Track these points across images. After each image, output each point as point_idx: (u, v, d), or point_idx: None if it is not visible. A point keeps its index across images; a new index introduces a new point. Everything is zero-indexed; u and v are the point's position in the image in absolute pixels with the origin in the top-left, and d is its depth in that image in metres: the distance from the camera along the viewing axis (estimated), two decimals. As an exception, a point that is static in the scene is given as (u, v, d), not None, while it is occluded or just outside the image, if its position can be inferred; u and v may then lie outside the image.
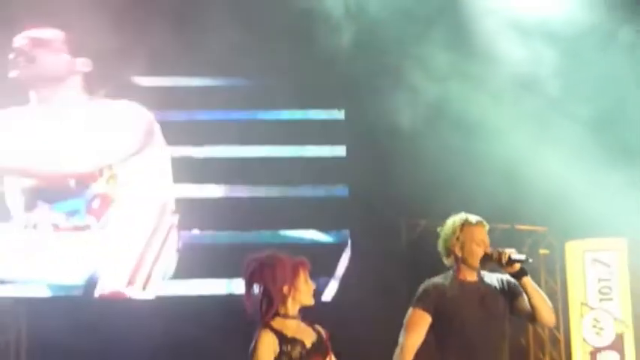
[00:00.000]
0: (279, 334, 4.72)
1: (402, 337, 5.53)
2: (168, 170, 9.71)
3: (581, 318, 9.95)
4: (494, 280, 5.63)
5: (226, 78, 9.95)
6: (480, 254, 5.52)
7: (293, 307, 4.80)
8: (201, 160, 9.75)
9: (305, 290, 4.81)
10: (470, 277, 5.59)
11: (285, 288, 4.76)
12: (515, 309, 5.58)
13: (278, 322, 4.76)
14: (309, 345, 4.78)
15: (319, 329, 4.87)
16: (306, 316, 4.84)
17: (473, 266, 5.56)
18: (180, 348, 9.03)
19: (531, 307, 5.50)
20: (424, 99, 9.13)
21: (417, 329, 5.53)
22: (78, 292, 9.44)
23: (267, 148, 9.82)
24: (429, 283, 5.62)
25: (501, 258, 5.45)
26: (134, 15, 9.14)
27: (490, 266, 5.59)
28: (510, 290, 5.58)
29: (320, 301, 8.34)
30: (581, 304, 9.97)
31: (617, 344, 9.85)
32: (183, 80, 9.89)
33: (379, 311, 7.93)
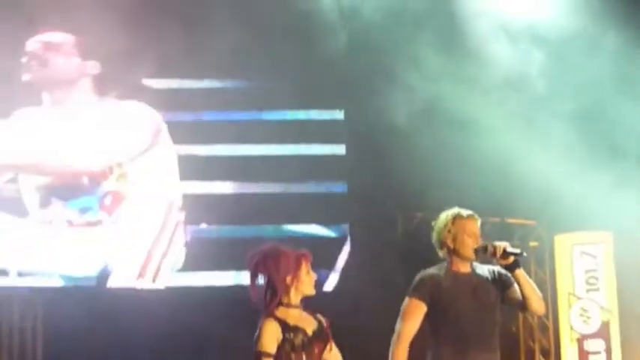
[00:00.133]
0: (282, 322, 4.74)
1: (398, 325, 5.56)
2: (174, 168, 9.71)
3: (569, 307, 10.03)
4: (485, 271, 5.65)
5: (230, 80, 9.95)
6: (471, 245, 5.54)
7: (295, 296, 4.81)
8: (208, 158, 9.73)
9: (307, 281, 4.83)
10: (463, 268, 5.61)
11: (288, 278, 4.77)
12: (507, 298, 5.60)
13: (281, 311, 4.77)
14: (310, 333, 4.79)
15: (320, 318, 4.89)
16: (309, 306, 4.86)
17: (465, 257, 5.59)
18: (189, 335, 9.05)
19: (523, 296, 5.52)
20: (419, 99, 9.12)
21: (412, 318, 5.55)
22: (91, 284, 9.46)
23: (270, 146, 9.83)
24: (424, 273, 5.64)
25: (496, 251, 5.48)
26: (142, 20, 9.07)
27: (484, 258, 5.62)
28: (501, 281, 5.60)
29: (322, 292, 8.36)
30: (569, 293, 10.03)
31: (603, 332, 9.93)
32: (189, 82, 9.88)
33: (377, 300, 7.95)
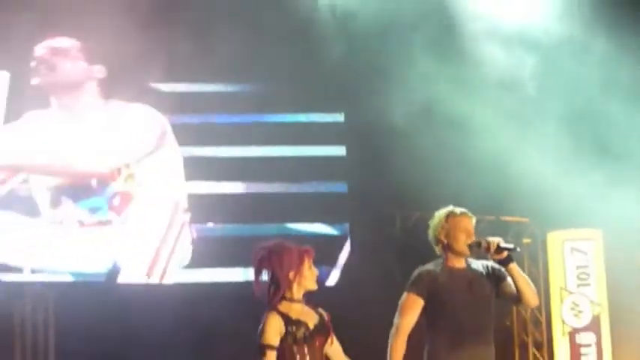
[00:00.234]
0: (285, 316, 4.74)
1: (397, 319, 5.59)
2: (180, 170, 9.73)
3: (561, 301, 10.02)
4: (480, 267, 5.68)
5: (235, 84, 9.94)
6: (464, 241, 5.58)
7: (298, 291, 4.81)
8: (215, 160, 9.74)
9: (309, 276, 4.82)
10: (458, 264, 5.64)
11: (291, 274, 4.77)
12: (501, 292, 5.63)
13: (284, 306, 4.77)
14: (312, 326, 4.79)
15: (321, 312, 4.89)
16: (312, 300, 4.87)
17: (458, 253, 5.62)
18: (194, 328, 9.09)
19: (517, 290, 5.55)
20: (416, 101, 9.11)
21: (410, 312, 5.58)
22: (101, 281, 9.49)
23: (274, 148, 9.85)
24: (421, 269, 5.68)
25: (490, 246, 5.51)
26: (147, 26, 9.00)
27: (479, 254, 5.65)
28: (495, 275, 5.64)
29: (324, 287, 8.37)
30: (561, 288, 10.03)
31: (593, 325, 9.94)
32: (195, 86, 9.89)
33: (377, 295, 7.94)
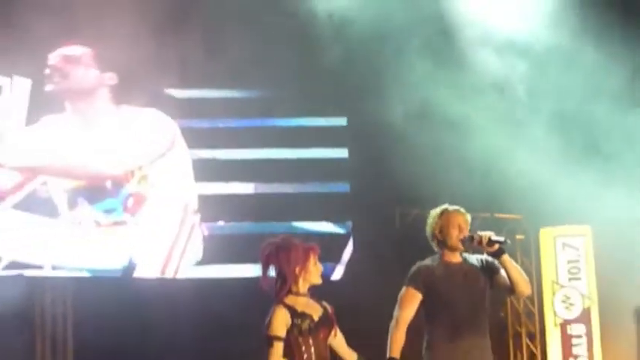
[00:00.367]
0: (291, 309, 4.78)
1: (396, 312, 5.64)
2: (190, 171, 9.70)
3: (553, 294, 10.06)
4: (474, 261, 5.74)
5: (242, 90, 9.91)
6: (456, 236, 5.63)
7: (303, 285, 4.85)
8: (224, 162, 9.74)
9: (314, 271, 4.87)
10: (454, 258, 5.71)
11: (297, 269, 4.81)
12: (495, 283, 5.69)
13: (290, 299, 4.82)
14: (317, 319, 4.84)
15: (325, 305, 4.94)
16: (317, 294, 4.91)
17: (452, 247, 5.68)
18: (207, 321, 9.10)
19: (510, 280, 5.59)
20: (414, 106, 9.12)
21: (409, 305, 5.64)
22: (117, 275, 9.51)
23: (280, 150, 9.85)
24: (419, 264, 5.74)
25: (482, 240, 5.55)
26: (157, 35, 8.94)
27: (472, 248, 5.69)
28: (489, 267, 5.70)
29: (329, 281, 8.39)
30: (553, 282, 10.08)
31: (584, 317, 9.99)
32: (205, 92, 9.86)
33: (378, 289, 7.91)
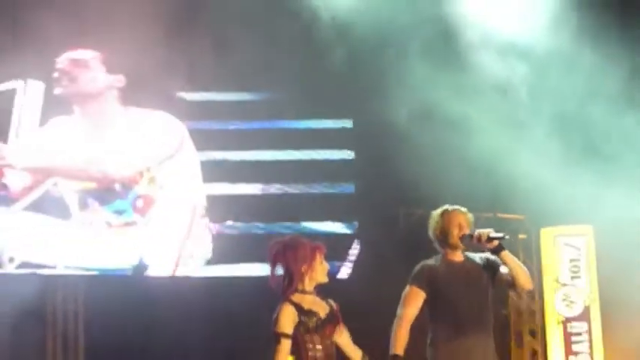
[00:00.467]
0: (298, 306, 4.81)
1: (400, 310, 5.68)
2: (198, 172, 9.68)
3: (555, 293, 10.01)
4: (476, 259, 5.78)
5: (250, 93, 9.90)
6: (456, 234, 5.68)
7: (310, 284, 4.89)
8: (234, 163, 9.74)
9: (320, 270, 4.90)
10: (456, 257, 5.75)
11: (304, 267, 4.84)
12: (497, 279, 5.73)
13: (297, 297, 4.85)
14: (323, 316, 4.87)
15: (331, 302, 4.97)
16: (323, 292, 4.94)
17: (452, 245, 5.72)
18: (216, 319, 9.15)
19: (511, 274, 5.62)
20: (418, 107, 9.05)
21: (413, 304, 5.67)
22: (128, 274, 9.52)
23: (288, 152, 9.85)
24: (423, 264, 5.77)
25: (481, 237, 5.60)
26: (165, 38, 8.90)
27: (473, 246, 5.72)
28: (490, 265, 5.73)
29: (336, 280, 8.40)
30: (555, 281, 10.03)
31: (585, 315, 9.94)
32: (214, 95, 9.86)
33: (383, 287, 7.91)
